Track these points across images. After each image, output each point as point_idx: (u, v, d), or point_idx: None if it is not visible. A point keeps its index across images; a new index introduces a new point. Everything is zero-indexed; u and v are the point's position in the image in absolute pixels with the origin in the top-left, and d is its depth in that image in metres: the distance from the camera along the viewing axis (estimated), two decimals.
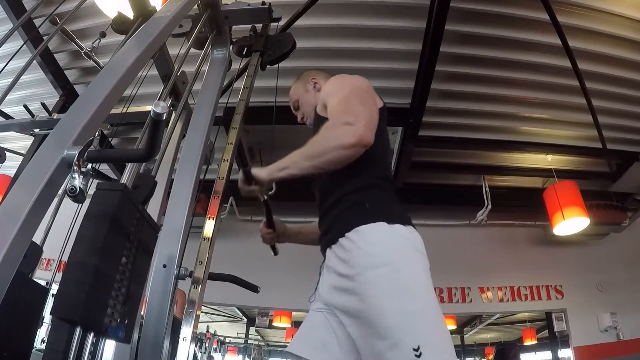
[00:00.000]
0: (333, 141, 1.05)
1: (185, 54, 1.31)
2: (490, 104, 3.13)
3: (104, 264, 0.65)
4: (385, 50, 2.76)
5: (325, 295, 1.14)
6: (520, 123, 3.34)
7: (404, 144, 3.31)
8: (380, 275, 0.98)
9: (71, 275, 0.62)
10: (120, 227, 0.70)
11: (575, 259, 4.05)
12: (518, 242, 4.20)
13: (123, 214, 0.71)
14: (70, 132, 0.70)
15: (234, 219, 4.09)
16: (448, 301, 3.93)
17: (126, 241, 0.72)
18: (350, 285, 1.02)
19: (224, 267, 1.38)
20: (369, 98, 1.18)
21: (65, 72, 3.09)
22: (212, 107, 1.41)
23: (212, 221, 1.22)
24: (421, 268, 1.02)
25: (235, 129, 1.41)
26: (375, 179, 1.16)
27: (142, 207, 0.79)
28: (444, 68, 2.77)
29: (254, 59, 1.62)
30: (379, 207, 1.10)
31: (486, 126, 3.33)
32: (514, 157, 3.70)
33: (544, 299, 3.96)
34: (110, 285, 0.66)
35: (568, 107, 3.13)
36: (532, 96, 3.07)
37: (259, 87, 1.73)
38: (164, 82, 1.56)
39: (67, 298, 0.61)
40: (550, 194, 3.50)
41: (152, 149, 0.68)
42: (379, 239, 1.03)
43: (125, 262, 0.71)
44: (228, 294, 3.53)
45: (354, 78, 1.27)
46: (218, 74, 1.52)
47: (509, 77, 2.91)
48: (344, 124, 1.06)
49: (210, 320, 8.13)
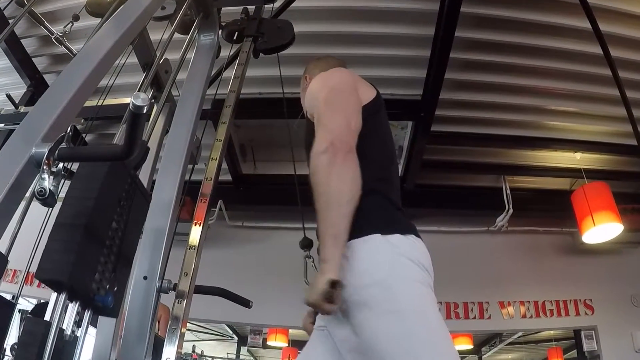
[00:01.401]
0: (324, 186, 1.03)
1: (168, 39, 1.31)
2: (512, 95, 3.13)
3: (93, 225, 0.66)
4: (393, 35, 2.77)
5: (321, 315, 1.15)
6: (545, 117, 3.34)
7: (414, 141, 3.32)
8: (371, 295, 0.98)
9: (58, 236, 0.64)
10: (112, 190, 0.72)
11: (607, 270, 4.04)
12: (543, 250, 4.19)
13: (115, 176, 0.73)
14: (39, 127, 0.70)
15: (223, 225, 4.08)
16: (464, 317, 3.92)
17: (117, 206, 0.74)
18: (342, 308, 1.01)
19: (213, 279, 1.37)
20: (344, 99, 1.19)
21: (34, 60, 3.09)
22: (199, 99, 1.41)
23: (199, 227, 1.22)
24: (417, 283, 1.01)
25: (224, 124, 1.41)
26: (370, 182, 1.14)
27: (133, 172, 0.82)
28: (459, 55, 2.78)
29: (245, 45, 1.62)
30: (373, 217, 1.10)
31: (507, 120, 3.33)
32: (539, 156, 3.70)
33: (572, 314, 3.94)
34: (99, 249, 0.68)
35: (599, 99, 3.13)
36: (558, 87, 3.07)
37: (251, 76, 1.73)
38: (145, 71, 1.57)
39: (54, 258, 0.62)
40: (579, 197, 3.50)
41: (132, 146, 0.68)
42: (369, 255, 1.03)
43: (116, 227, 0.73)
44: (217, 310, 3.51)
45: (329, 79, 1.28)
46: (205, 62, 1.52)
47: (533, 66, 2.91)
48: (318, 155, 1.06)
49: (197, 339, 8.11)
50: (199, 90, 1.44)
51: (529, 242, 4.20)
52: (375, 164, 1.21)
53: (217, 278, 1.70)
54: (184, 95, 1.43)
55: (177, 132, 1.35)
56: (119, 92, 1.86)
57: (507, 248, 4.17)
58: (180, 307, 1.09)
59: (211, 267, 2.20)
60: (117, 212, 0.73)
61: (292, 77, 1.93)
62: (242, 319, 4.14)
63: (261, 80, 2.81)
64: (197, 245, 1.19)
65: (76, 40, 2.61)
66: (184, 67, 1.44)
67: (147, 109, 0.67)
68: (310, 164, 1.11)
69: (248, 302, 1.42)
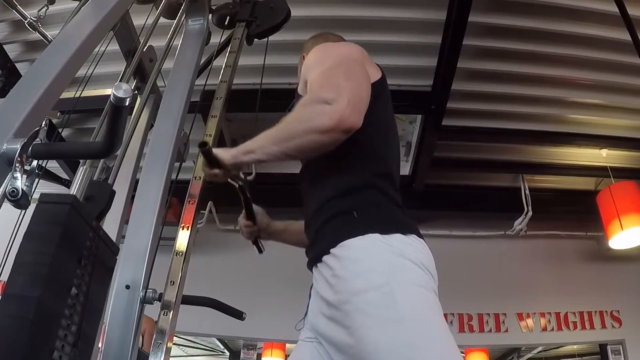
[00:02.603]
0: (306, 123, 1.05)
1: (153, 24, 1.31)
2: (531, 86, 3.13)
3: (49, 296, 0.64)
4: (400, 19, 2.76)
5: (313, 320, 1.14)
6: (568, 110, 3.34)
7: (423, 136, 3.32)
8: (369, 301, 0.97)
9: (8, 311, 0.61)
10: (70, 250, 0.69)
11: (636, 278, 4.04)
12: (565, 257, 4.20)
13: (73, 234, 0.70)
14: (11, 121, 0.70)
15: (213, 229, 4.09)
16: (478, 330, 3.92)
17: (77, 267, 0.71)
18: (337, 316, 1.01)
19: (202, 288, 1.38)
20: (358, 70, 1.16)
21: (5, 47, 3.09)
22: (187, 90, 1.42)
23: (187, 231, 1.22)
24: (420, 288, 1.01)
25: (215, 118, 1.41)
26: (371, 177, 1.15)
27: (96, 223, 0.79)
28: (473, 42, 2.77)
29: (238, 31, 1.62)
30: (372, 214, 1.10)
31: (526, 114, 3.33)
32: (560, 152, 3.70)
33: (597, 327, 3.95)
34: (57, 323, 0.66)
35: (627, 90, 3.13)
36: (582, 76, 3.07)
37: (244, 65, 1.73)
38: (127, 60, 1.56)
39: (3, 339, 0.60)
40: (605, 198, 3.50)
41: (113, 142, 0.69)
42: (367, 256, 1.03)
43: (76, 293, 0.70)
44: (206, 322, 3.52)
45: (342, 46, 1.27)
46: (194, 50, 1.52)
47: (554, 53, 2.91)
48: (320, 101, 1.05)
49: (185, 355, 8.12)
50: (187, 80, 1.44)
51: (549, 247, 4.20)
52: (374, 156, 1.20)
53: (207, 287, 1.71)
54: (171, 86, 1.44)
55: (163, 126, 1.35)
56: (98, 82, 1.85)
57: (526, 254, 4.17)
58: (166, 319, 1.09)
59: (200, 275, 2.20)
60: (77, 275, 0.70)
61: (289, 66, 1.94)
62: (235, 332, 4.14)
63: (255, 69, 2.81)
64: (184, 251, 1.18)
65: (52, 25, 2.61)
66: (171, 55, 1.45)
67: (130, 101, 0.67)
68: (303, 100, 1.11)
69: (241, 313, 1.42)
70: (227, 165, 1.13)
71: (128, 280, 1.08)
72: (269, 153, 1.08)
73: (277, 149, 1.07)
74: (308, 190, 1.26)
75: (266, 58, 1.77)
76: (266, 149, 1.08)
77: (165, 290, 1.12)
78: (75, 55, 0.83)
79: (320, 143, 1.05)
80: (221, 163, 1.12)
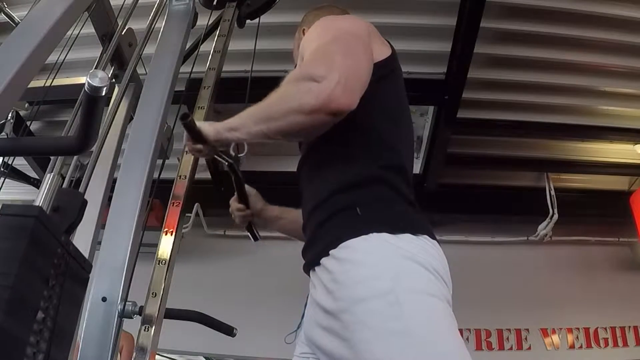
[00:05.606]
0: (289, 101, 1.04)
1: (132, 4, 1.31)
2: (557, 74, 3.13)
3: (11, 323, 0.63)
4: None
5: (308, 331, 1.14)
6: (598, 100, 3.34)
7: (436, 130, 3.32)
8: (371, 311, 0.96)
9: None
10: (35, 270, 0.69)
11: None
12: (595, 266, 4.20)
13: (38, 251, 0.69)
14: None
15: (200, 234, 4.09)
16: (498, 348, 3.93)
17: (44, 288, 0.70)
18: (335, 326, 1.00)
19: (188, 300, 1.38)
20: (360, 47, 1.14)
21: None
22: (171, 78, 1.41)
23: (171, 237, 1.22)
24: (430, 297, 0.99)
25: (202, 109, 1.41)
26: (379, 169, 1.14)
27: (65, 238, 0.78)
28: (492, 24, 2.77)
29: (228, 12, 1.62)
30: (378, 210, 1.09)
31: (551, 105, 3.33)
32: (590, 148, 3.70)
33: (631, 344, 3.95)
34: (22, 352, 0.65)
35: None
36: (615, 63, 3.06)
37: (235, 50, 1.73)
38: (104, 44, 1.57)
39: None
40: (639, 199, 3.50)
41: (88, 136, 0.69)
42: (370, 259, 1.01)
43: (43, 317, 0.69)
44: (193, 339, 3.52)
45: (345, 20, 1.27)
46: (179, 33, 1.52)
47: (584, 37, 2.91)
48: (308, 78, 1.04)
49: None
50: (171, 67, 1.44)
51: (577, 255, 4.21)
52: (384, 146, 1.18)
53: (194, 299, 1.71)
54: (152, 74, 1.44)
55: (144, 119, 1.35)
56: (71, 70, 1.86)
57: (551, 262, 4.17)
58: (148, 335, 1.09)
59: (186, 286, 2.20)
60: (44, 297, 0.70)
61: (285, 52, 1.93)
62: (224, 349, 4.13)
63: (246, 55, 2.81)
64: (168, 259, 1.19)
65: (19, 5, 2.61)
66: (153, 39, 1.45)
67: (107, 90, 0.67)
68: (290, 75, 1.10)
69: (232, 329, 1.43)
70: (210, 141, 1.13)
71: (104, 292, 1.08)
72: (250, 133, 1.08)
73: (258, 129, 1.07)
74: (307, 184, 1.25)
75: (258, 42, 1.77)
76: (248, 128, 1.08)
77: (147, 303, 1.12)
78: (46, 39, 0.83)
79: (303, 125, 1.04)
80: (205, 138, 1.12)
